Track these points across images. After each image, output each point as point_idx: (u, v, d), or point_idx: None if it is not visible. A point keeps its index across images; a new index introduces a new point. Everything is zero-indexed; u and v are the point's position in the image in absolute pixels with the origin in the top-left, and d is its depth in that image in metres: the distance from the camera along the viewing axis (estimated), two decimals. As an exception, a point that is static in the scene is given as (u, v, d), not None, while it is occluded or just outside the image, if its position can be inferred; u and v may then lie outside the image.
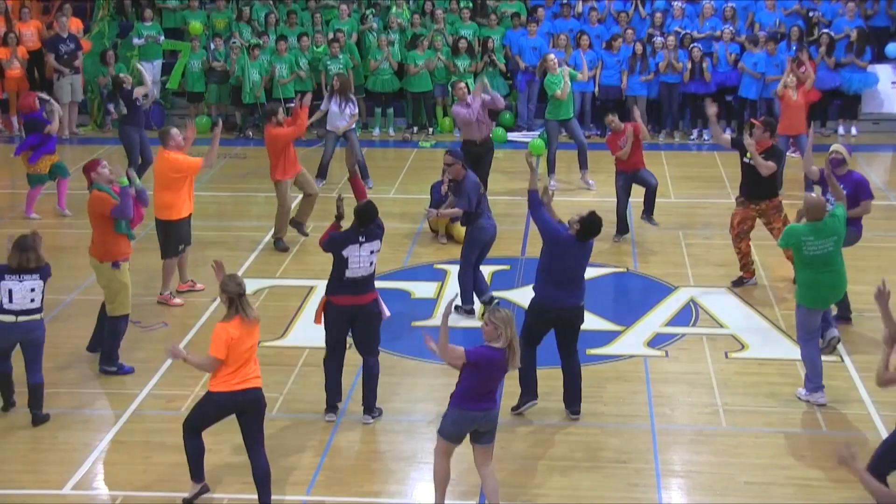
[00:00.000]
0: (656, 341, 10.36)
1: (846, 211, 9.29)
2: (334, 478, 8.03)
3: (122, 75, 15.30)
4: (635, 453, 8.41)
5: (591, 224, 8.61)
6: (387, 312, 9.04)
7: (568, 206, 13.93)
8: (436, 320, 10.85)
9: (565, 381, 8.91)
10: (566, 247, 8.65)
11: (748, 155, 11.18)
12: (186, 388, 9.42)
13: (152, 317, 10.88)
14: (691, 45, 17.69)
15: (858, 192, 10.31)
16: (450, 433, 7.28)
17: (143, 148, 14.89)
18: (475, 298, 10.91)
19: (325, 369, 8.90)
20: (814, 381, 9.04)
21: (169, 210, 11.06)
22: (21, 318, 8.72)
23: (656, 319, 10.87)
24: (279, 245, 12.84)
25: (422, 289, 11.67)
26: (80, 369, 9.85)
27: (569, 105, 15.16)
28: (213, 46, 18.62)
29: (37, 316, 8.82)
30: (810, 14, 18.19)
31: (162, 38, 19.02)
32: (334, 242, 8.73)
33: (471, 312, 10.86)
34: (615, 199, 13.12)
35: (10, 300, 8.65)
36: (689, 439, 8.65)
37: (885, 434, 8.64)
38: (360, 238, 8.73)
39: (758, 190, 11.19)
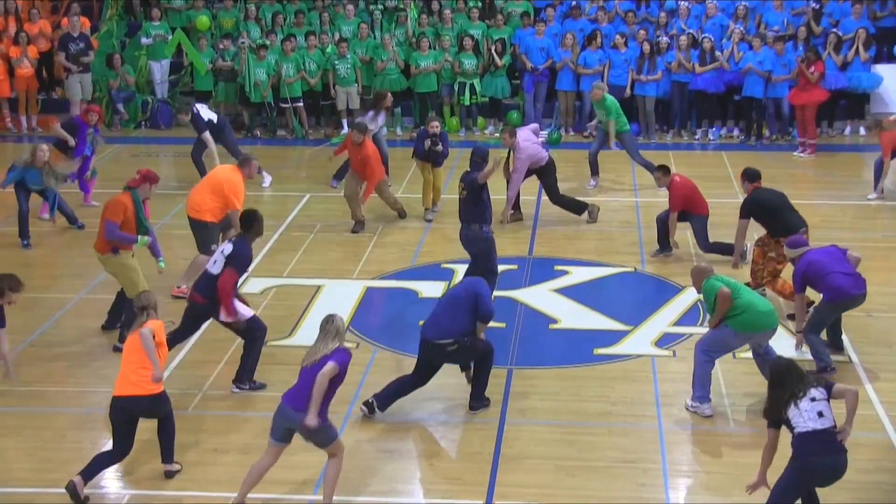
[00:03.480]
0: (664, 341, 10.35)
1: None
2: (341, 477, 8.00)
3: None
4: (643, 453, 8.40)
5: None
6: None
7: (603, 207, 13.93)
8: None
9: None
10: None
11: None
12: (194, 387, 9.44)
13: (163, 317, 10.86)
14: (702, 36, 17.66)
15: (809, 283, 9.63)
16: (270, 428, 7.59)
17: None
18: None
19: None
20: (706, 394, 8.92)
21: (210, 214, 11.27)
22: None
23: (664, 319, 10.86)
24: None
25: (429, 288, 11.68)
26: (88, 369, 9.87)
27: (623, 118, 14.99)
28: (220, 46, 18.64)
29: None
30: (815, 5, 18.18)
31: (170, 37, 19.06)
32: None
33: None
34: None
35: None
36: (696, 439, 8.64)
37: (891, 434, 8.65)
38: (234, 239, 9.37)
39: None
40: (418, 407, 9.15)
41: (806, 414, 6.89)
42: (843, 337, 10.19)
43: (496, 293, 11.43)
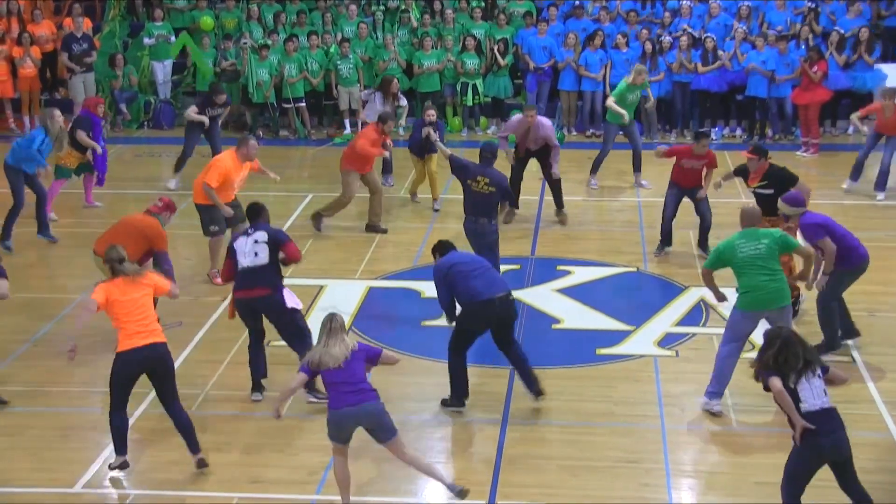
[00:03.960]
0: (666, 341, 10.35)
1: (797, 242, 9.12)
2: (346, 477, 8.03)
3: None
4: (646, 453, 8.40)
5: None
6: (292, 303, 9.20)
7: (605, 207, 13.94)
8: (445, 320, 10.85)
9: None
10: None
11: (748, 184, 11.05)
12: (196, 387, 9.44)
13: (168, 317, 10.88)
14: (705, 36, 17.65)
15: (808, 236, 9.60)
16: (331, 434, 7.44)
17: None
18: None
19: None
20: (717, 387, 8.89)
21: (203, 196, 11.56)
22: None
23: (666, 319, 10.85)
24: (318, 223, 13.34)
25: (432, 289, 11.63)
26: (90, 368, 9.87)
27: (630, 108, 14.96)
28: (222, 47, 18.64)
29: None
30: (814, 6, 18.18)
31: (173, 38, 19.08)
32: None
33: None
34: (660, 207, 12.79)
35: None
36: (699, 439, 8.64)
37: (894, 433, 8.63)
38: (249, 230, 9.17)
39: (767, 209, 10.95)
40: (421, 407, 9.15)
41: (816, 390, 6.89)
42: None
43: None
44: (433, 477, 7.61)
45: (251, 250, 9.06)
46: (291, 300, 9.17)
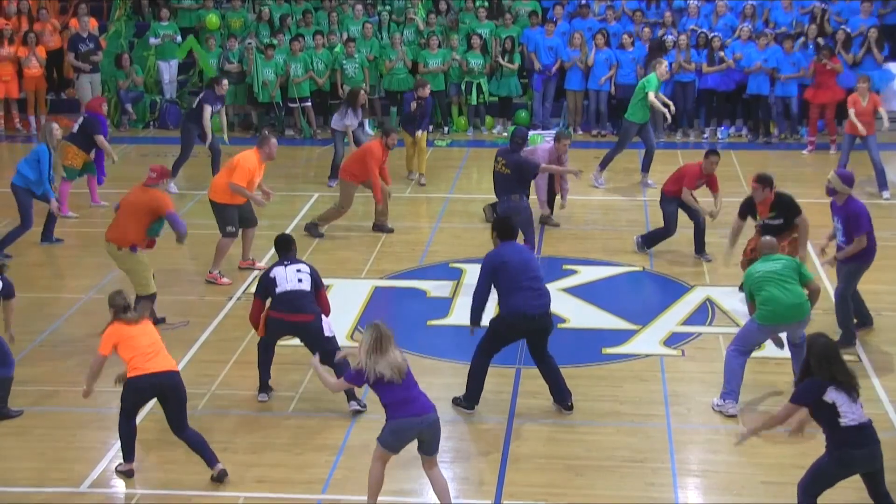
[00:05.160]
0: (672, 340, 10.34)
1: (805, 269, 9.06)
2: (350, 477, 8.04)
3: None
4: (652, 453, 8.39)
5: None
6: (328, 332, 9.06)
7: (611, 206, 13.92)
8: (451, 319, 10.88)
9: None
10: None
11: (757, 218, 10.76)
12: (202, 386, 9.45)
13: (173, 316, 10.91)
14: (711, 35, 17.62)
15: (850, 225, 9.68)
16: (388, 442, 7.31)
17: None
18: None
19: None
20: (733, 390, 8.87)
21: (224, 195, 11.68)
22: None
23: (672, 318, 10.84)
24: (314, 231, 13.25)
25: (437, 288, 11.68)
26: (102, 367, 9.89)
27: (647, 110, 14.96)
28: (227, 47, 18.66)
29: None
30: (824, 8, 18.13)
31: (179, 38, 19.09)
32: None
33: None
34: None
35: None
36: (705, 438, 8.63)
37: (902, 434, 8.63)
38: (285, 262, 9.12)
39: (780, 236, 10.85)
40: (427, 406, 9.14)
41: (857, 406, 6.87)
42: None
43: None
44: (441, 500, 7.47)
45: (294, 277, 8.94)
46: (328, 329, 9.05)
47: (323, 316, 8.98)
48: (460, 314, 10.98)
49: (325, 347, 8.76)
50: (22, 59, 18.47)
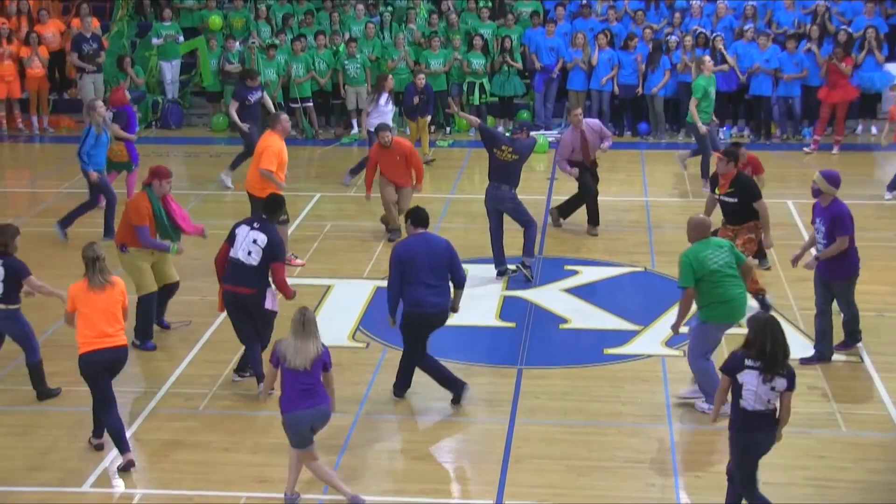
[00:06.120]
0: (674, 341, 10.32)
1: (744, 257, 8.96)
2: (351, 476, 8.04)
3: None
4: (653, 453, 8.39)
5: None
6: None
7: (613, 207, 13.90)
8: (452, 319, 10.86)
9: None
10: None
11: (717, 191, 10.73)
12: (205, 386, 9.46)
13: (175, 316, 10.90)
14: (714, 35, 17.61)
15: (835, 226, 9.39)
16: (294, 441, 7.57)
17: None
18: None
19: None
20: (711, 391, 8.74)
21: (260, 185, 11.73)
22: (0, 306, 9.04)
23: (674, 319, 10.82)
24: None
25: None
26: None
27: (710, 109, 14.90)
28: (227, 47, 18.65)
29: (9, 306, 9.01)
30: (828, 7, 18.11)
31: (181, 38, 19.11)
32: None
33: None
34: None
35: None
36: (707, 439, 8.62)
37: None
38: (256, 223, 9.25)
39: (735, 218, 10.72)
40: (427, 407, 9.15)
41: (761, 396, 6.91)
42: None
43: (507, 293, 11.48)
44: (334, 485, 7.65)
45: (247, 247, 9.14)
46: (270, 301, 9.25)
47: (269, 290, 9.20)
48: (462, 314, 10.99)
49: (265, 319, 9.18)
50: (24, 60, 18.48)
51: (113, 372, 8.20)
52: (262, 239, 9.10)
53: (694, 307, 8.77)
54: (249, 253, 9.09)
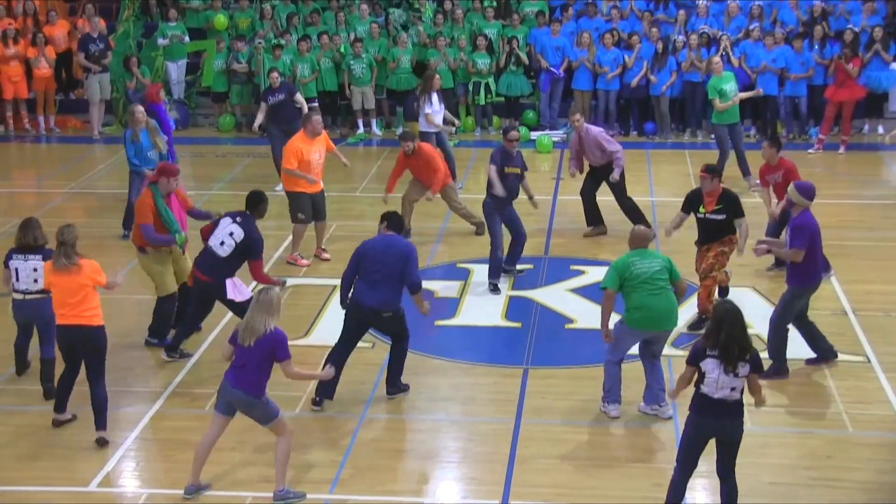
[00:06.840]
0: (679, 341, 10.32)
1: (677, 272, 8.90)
2: (357, 476, 8.05)
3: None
4: (659, 453, 8.39)
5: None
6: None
7: (618, 206, 13.88)
8: (458, 320, 10.88)
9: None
10: None
11: (701, 209, 10.51)
12: (210, 386, 9.44)
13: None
14: (721, 34, 17.58)
15: (793, 236, 9.20)
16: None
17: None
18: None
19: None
20: (615, 394, 8.87)
21: (289, 182, 12.24)
22: (28, 297, 9.11)
23: (680, 319, 10.78)
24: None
25: (445, 288, 11.68)
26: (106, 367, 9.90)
27: (735, 109, 14.90)
28: (235, 48, 18.67)
29: (41, 295, 9.04)
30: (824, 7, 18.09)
31: (186, 38, 19.13)
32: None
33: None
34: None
35: (17, 279, 9.07)
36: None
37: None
38: (238, 217, 9.62)
39: (717, 234, 10.51)
40: (433, 407, 9.15)
41: (723, 385, 7.01)
42: (861, 337, 10.15)
43: (512, 293, 11.48)
44: (279, 471, 7.70)
45: (221, 238, 9.49)
46: (232, 291, 9.45)
47: (230, 280, 9.47)
48: (468, 314, 11.01)
49: (235, 309, 9.53)
50: (31, 60, 18.51)
51: (75, 350, 8.44)
52: (238, 234, 9.45)
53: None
54: (222, 243, 9.46)
